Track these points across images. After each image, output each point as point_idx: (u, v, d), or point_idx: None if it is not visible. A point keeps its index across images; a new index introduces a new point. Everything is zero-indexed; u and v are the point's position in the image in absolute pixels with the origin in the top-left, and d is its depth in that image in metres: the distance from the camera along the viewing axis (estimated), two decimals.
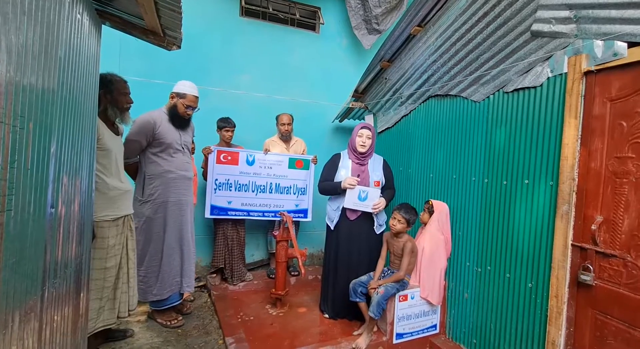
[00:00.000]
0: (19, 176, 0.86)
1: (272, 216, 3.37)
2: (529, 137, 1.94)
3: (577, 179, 1.71)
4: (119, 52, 3.17)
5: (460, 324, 2.40)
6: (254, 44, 3.78)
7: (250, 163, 3.26)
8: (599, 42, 1.61)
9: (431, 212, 2.47)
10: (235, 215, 3.23)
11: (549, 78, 1.84)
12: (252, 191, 3.28)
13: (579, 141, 1.70)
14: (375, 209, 2.57)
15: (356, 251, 2.63)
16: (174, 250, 2.48)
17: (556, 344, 1.75)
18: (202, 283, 3.34)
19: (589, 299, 1.67)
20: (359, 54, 4.25)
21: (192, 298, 3.06)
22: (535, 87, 1.92)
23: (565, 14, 1.73)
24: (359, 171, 2.63)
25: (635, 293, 1.50)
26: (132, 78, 2.18)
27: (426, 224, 2.50)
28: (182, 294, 2.62)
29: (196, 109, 2.53)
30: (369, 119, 3.59)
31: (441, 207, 2.47)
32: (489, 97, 2.22)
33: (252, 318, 2.72)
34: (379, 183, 2.65)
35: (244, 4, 3.71)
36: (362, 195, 2.56)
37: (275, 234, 2.87)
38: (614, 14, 1.54)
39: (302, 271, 2.67)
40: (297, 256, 2.72)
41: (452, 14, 2.43)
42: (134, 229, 2.34)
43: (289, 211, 3.30)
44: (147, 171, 2.41)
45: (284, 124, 3.44)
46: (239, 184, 3.23)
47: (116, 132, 2.09)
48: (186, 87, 2.47)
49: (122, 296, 2.07)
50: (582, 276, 1.66)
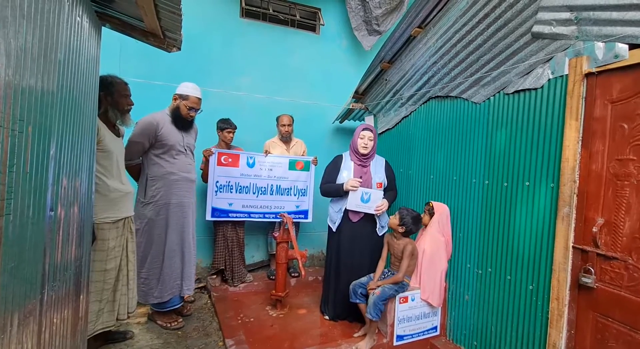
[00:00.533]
0: (17, 180, 0.86)
1: (273, 218, 3.37)
2: (530, 138, 1.94)
3: (578, 181, 1.70)
4: (119, 54, 3.17)
5: (461, 326, 2.40)
6: (254, 45, 3.78)
7: (250, 165, 3.26)
8: (600, 44, 1.61)
9: (432, 214, 2.47)
10: (236, 217, 3.23)
11: (549, 80, 1.84)
12: (253, 193, 3.27)
13: (580, 143, 1.70)
14: (378, 211, 2.57)
15: (358, 253, 2.62)
16: (175, 252, 2.48)
17: (557, 346, 1.75)
18: (202, 285, 3.34)
19: (590, 302, 1.67)
20: (359, 55, 4.25)
21: (193, 300, 3.06)
22: (536, 89, 1.91)
23: (566, 15, 1.72)
24: (361, 172, 2.63)
25: (636, 296, 1.50)
26: (132, 80, 2.18)
27: (427, 226, 2.50)
28: (182, 297, 2.62)
29: (199, 111, 2.53)
30: (369, 120, 3.58)
31: (442, 209, 2.47)
32: (489, 98, 2.22)
33: (252, 320, 2.71)
34: (381, 185, 2.65)
35: (244, 5, 3.71)
36: (365, 196, 2.55)
37: (275, 235, 2.87)
38: (615, 15, 1.53)
39: (303, 272, 2.67)
40: (298, 257, 2.72)
41: (452, 16, 2.43)
42: (135, 231, 2.35)
43: (289, 213, 3.30)
44: (149, 172, 2.41)
45: (285, 125, 3.44)
46: (240, 186, 3.23)
47: (117, 133, 2.09)
48: (189, 88, 2.47)
49: (121, 298, 2.07)
50: (583, 278, 1.66)
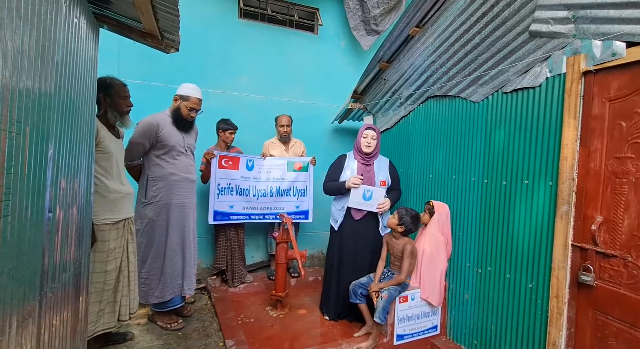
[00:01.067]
0: (15, 182, 0.86)
1: (273, 219, 3.36)
2: (528, 137, 1.94)
3: (576, 179, 1.70)
4: (117, 55, 3.17)
5: (461, 325, 2.40)
6: (253, 45, 3.78)
7: (249, 168, 3.25)
8: (598, 42, 1.61)
9: (432, 213, 2.47)
10: (237, 219, 3.22)
11: (547, 79, 1.84)
12: (253, 196, 3.27)
13: (578, 141, 1.70)
14: (380, 209, 2.56)
15: (360, 252, 2.62)
16: (176, 252, 2.48)
17: (557, 345, 1.75)
18: (202, 285, 3.34)
19: (590, 300, 1.67)
20: (358, 54, 4.25)
21: (193, 300, 3.06)
22: (534, 87, 1.91)
23: (563, 14, 1.73)
24: (364, 171, 2.63)
25: (635, 294, 1.50)
26: (130, 81, 2.18)
27: (426, 225, 2.50)
28: (184, 297, 2.62)
29: (199, 112, 2.53)
30: (368, 120, 3.58)
31: (442, 208, 2.47)
32: (487, 97, 2.22)
33: (252, 320, 2.71)
34: (385, 183, 2.65)
35: (242, 5, 3.71)
36: (367, 194, 2.55)
37: (275, 236, 2.87)
38: (612, 13, 1.54)
39: (302, 272, 2.67)
40: (297, 257, 2.72)
41: (450, 15, 2.43)
42: (135, 232, 2.35)
43: (289, 213, 3.29)
44: (150, 173, 2.41)
45: (283, 125, 3.44)
46: (240, 189, 3.22)
47: (117, 135, 2.09)
48: (189, 89, 2.47)
49: (122, 300, 2.07)
50: (582, 276, 1.66)
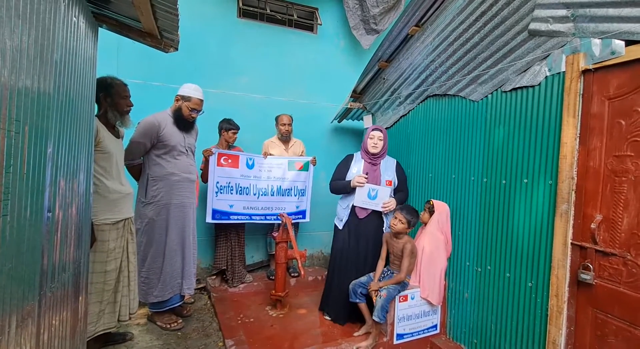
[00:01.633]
0: (14, 181, 0.86)
1: (274, 219, 3.33)
2: (528, 136, 1.94)
3: (576, 178, 1.70)
4: (116, 55, 3.17)
5: (460, 324, 2.40)
6: (252, 45, 3.77)
7: (250, 167, 3.24)
8: (597, 41, 1.61)
9: (432, 212, 2.47)
10: (237, 219, 3.18)
11: (546, 77, 1.84)
12: (254, 195, 3.24)
13: (578, 140, 1.70)
14: (385, 208, 2.57)
15: (364, 250, 2.62)
16: (175, 251, 2.48)
17: (557, 343, 1.75)
18: (201, 285, 3.33)
19: (589, 298, 1.67)
20: (357, 54, 4.25)
21: (192, 301, 3.06)
22: (533, 86, 1.91)
23: (562, 12, 1.73)
24: (370, 170, 2.64)
25: (635, 292, 1.50)
26: (130, 81, 2.18)
27: (426, 224, 2.50)
28: (182, 296, 2.62)
29: (201, 112, 2.54)
30: (368, 119, 3.58)
31: (442, 208, 2.47)
32: (487, 96, 2.22)
33: (252, 320, 2.71)
34: (391, 182, 2.66)
35: (241, 5, 3.71)
36: (372, 193, 2.56)
37: (274, 235, 2.87)
38: (612, 12, 1.54)
39: (302, 272, 2.66)
40: (297, 257, 2.72)
41: (449, 14, 2.43)
42: (135, 232, 2.35)
43: (290, 213, 3.29)
44: (150, 173, 2.41)
45: (285, 124, 3.44)
46: (240, 187, 3.19)
47: (117, 135, 2.09)
48: (191, 89, 2.47)
49: (122, 300, 2.07)
50: (582, 275, 1.66)
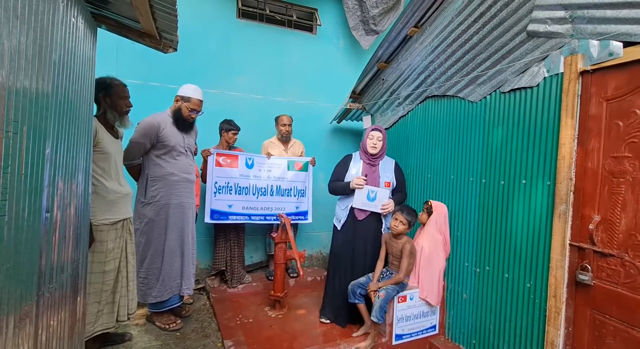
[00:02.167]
0: (12, 182, 0.86)
1: (274, 220, 3.32)
2: (526, 137, 1.95)
3: (574, 179, 1.71)
4: (115, 55, 3.17)
5: (459, 324, 2.40)
6: (251, 45, 3.78)
7: (249, 166, 3.23)
8: (595, 42, 1.62)
9: (430, 213, 2.47)
10: (236, 219, 3.16)
11: (545, 79, 1.84)
12: (253, 195, 3.23)
13: (576, 141, 1.70)
14: (384, 210, 2.57)
15: (362, 251, 2.62)
16: (174, 252, 2.48)
17: (555, 344, 1.75)
18: (200, 286, 3.33)
19: (588, 299, 1.67)
20: (356, 54, 4.26)
21: (191, 301, 3.05)
22: (531, 87, 1.92)
23: (560, 14, 1.73)
24: (368, 171, 2.64)
25: (633, 293, 1.50)
26: (129, 81, 2.18)
27: (425, 224, 2.50)
28: (182, 297, 2.62)
29: (200, 113, 2.54)
30: (367, 120, 3.59)
31: (440, 208, 2.47)
32: (485, 97, 2.22)
33: (251, 321, 2.71)
34: (389, 184, 2.66)
35: (240, 5, 3.71)
36: (371, 195, 2.56)
37: (273, 236, 2.87)
38: (609, 13, 1.54)
39: (301, 272, 2.67)
40: (296, 257, 2.72)
41: (448, 15, 2.44)
42: (134, 231, 2.34)
43: (289, 214, 3.28)
44: (150, 173, 2.41)
45: (285, 125, 3.44)
46: (239, 187, 3.18)
47: (116, 135, 2.09)
48: (190, 90, 2.47)
49: (121, 300, 2.07)
50: (580, 276, 1.66)
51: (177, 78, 3.16)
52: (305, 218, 3.47)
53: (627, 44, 1.51)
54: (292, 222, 2.97)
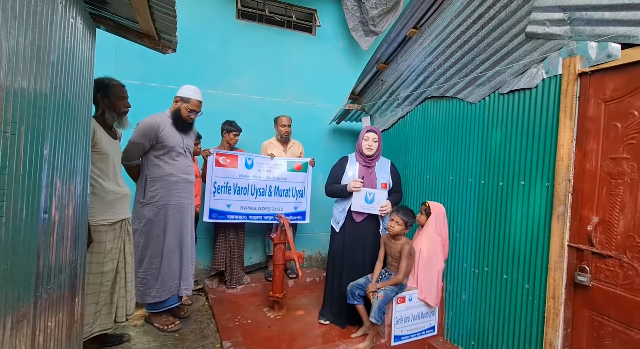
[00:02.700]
0: (10, 183, 0.85)
1: (271, 220, 3.34)
2: (525, 138, 1.95)
3: (572, 180, 1.71)
4: (114, 55, 3.17)
5: (458, 326, 2.40)
6: (251, 46, 3.78)
7: (249, 167, 3.24)
8: (593, 44, 1.62)
9: (428, 214, 2.47)
10: (234, 218, 3.18)
11: (543, 80, 1.85)
12: (252, 195, 3.24)
13: (574, 142, 1.71)
14: (382, 211, 2.57)
15: (361, 253, 2.62)
16: (173, 252, 2.48)
17: (554, 345, 1.75)
18: (199, 287, 3.33)
19: (586, 300, 1.67)
20: (356, 55, 4.26)
21: (190, 302, 3.05)
22: (530, 89, 1.92)
23: (559, 15, 1.74)
24: (365, 173, 2.64)
25: (631, 294, 1.50)
26: (128, 82, 2.18)
27: (423, 226, 2.50)
28: (180, 297, 2.61)
29: (199, 114, 2.54)
30: (366, 121, 3.59)
31: (438, 208, 2.48)
32: (484, 98, 2.23)
33: (249, 321, 2.71)
34: (386, 185, 2.66)
35: (240, 6, 3.71)
36: (369, 197, 2.56)
37: (272, 237, 2.86)
38: (608, 15, 1.55)
39: (300, 273, 2.67)
40: (295, 258, 2.72)
41: (447, 16, 2.44)
42: (133, 231, 2.34)
43: (287, 214, 3.28)
44: (149, 173, 2.41)
45: (284, 126, 3.44)
46: (238, 187, 3.19)
47: (114, 136, 2.09)
48: (190, 91, 2.48)
49: (119, 301, 2.06)
50: (578, 277, 1.66)
51: (176, 79, 3.16)
52: (303, 219, 3.47)
53: (625, 46, 1.52)
54: (290, 222, 2.97)
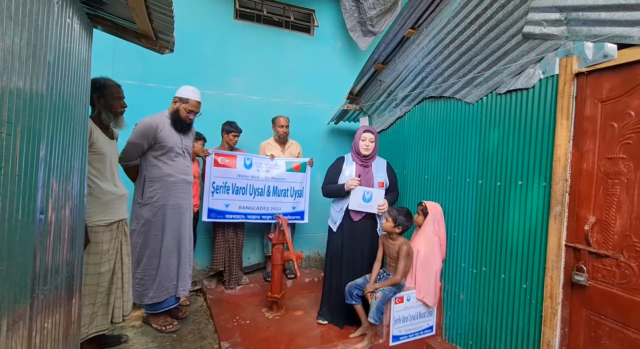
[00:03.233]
0: (5, 183, 0.85)
1: (269, 219, 3.34)
2: (522, 138, 1.95)
3: (569, 180, 1.71)
4: (112, 56, 3.16)
5: (456, 325, 2.40)
6: (249, 46, 3.78)
7: (247, 167, 3.24)
8: (590, 44, 1.63)
9: (425, 214, 2.48)
10: (232, 218, 3.19)
11: (540, 80, 1.85)
12: (250, 194, 3.25)
13: (571, 142, 1.71)
14: (380, 210, 2.58)
15: (359, 253, 2.63)
16: (171, 253, 2.47)
17: (551, 344, 1.76)
18: (197, 287, 3.32)
19: (583, 300, 1.68)
20: (354, 55, 4.26)
21: (188, 303, 3.04)
22: (527, 89, 1.93)
23: (556, 16, 1.74)
24: (362, 173, 2.65)
25: (628, 293, 1.51)
26: (125, 82, 2.17)
27: (421, 226, 2.51)
28: (178, 298, 2.61)
29: (198, 114, 2.54)
30: (364, 121, 3.59)
31: (435, 208, 2.48)
32: (482, 98, 2.23)
33: (248, 322, 2.70)
34: (383, 184, 2.67)
35: (238, 6, 3.71)
36: (367, 196, 2.56)
37: (271, 237, 2.86)
38: (604, 16, 1.55)
39: (298, 273, 2.66)
40: (293, 258, 2.71)
41: (444, 17, 2.45)
42: (131, 231, 2.33)
43: (285, 214, 3.29)
44: (147, 174, 2.41)
45: (283, 126, 3.44)
46: (237, 187, 3.20)
47: (111, 136, 2.09)
48: (189, 92, 2.47)
49: (116, 302, 2.06)
50: (575, 276, 1.67)
51: (174, 79, 3.15)
52: (301, 219, 3.48)
53: (621, 46, 1.52)
54: (288, 222, 2.97)
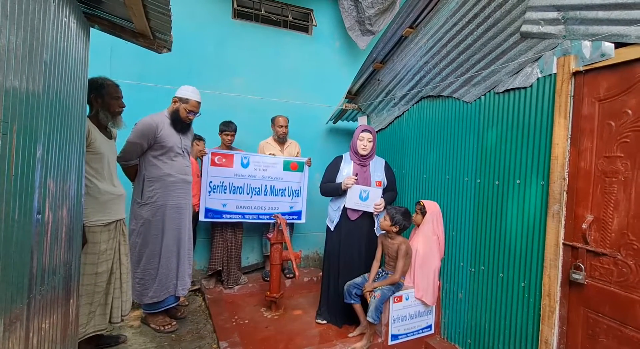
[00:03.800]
0: (2, 183, 0.85)
1: (267, 219, 3.34)
2: (520, 137, 1.96)
3: (567, 178, 1.72)
4: (109, 55, 3.15)
5: (454, 324, 2.41)
6: (247, 46, 3.77)
7: (244, 166, 3.24)
8: (587, 43, 1.63)
9: (423, 213, 2.48)
10: (230, 218, 3.20)
11: (538, 79, 1.86)
12: (247, 194, 3.25)
13: (569, 141, 1.72)
14: (377, 209, 2.58)
15: (357, 252, 2.63)
16: (171, 252, 2.47)
17: (549, 343, 1.76)
18: (196, 287, 3.32)
19: (581, 298, 1.68)
20: (352, 55, 4.26)
21: (187, 303, 3.04)
22: (525, 88, 1.93)
23: (553, 15, 1.75)
24: (360, 172, 2.65)
25: (625, 291, 1.52)
26: (123, 81, 2.17)
27: (419, 225, 2.51)
28: (177, 298, 2.60)
29: (198, 114, 2.54)
30: (363, 120, 3.59)
31: (433, 207, 2.48)
32: (480, 97, 2.23)
33: (246, 322, 2.70)
34: (380, 183, 2.67)
35: (236, 6, 3.70)
36: (363, 194, 2.56)
37: (269, 236, 2.86)
38: (601, 15, 1.56)
39: (297, 273, 2.66)
40: (292, 258, 2.71)
41: (442, 16, 2.45)
42: (131, 231, 2.33)
43: (283, 214, 3.29)
44: (147, 174, 2.40)
45: (282, 126, 3.44)
46: (234, 186, 3.20)
47: (109, 135, 2.08)
48: (189, 92, 2.47)
49: (114, 302, 2.05)
50: (573, 275, 1.67)
51: (172, 79, 3.15)
52: (299, 218, 3.48)
53: (618, 45, 1.53)
54: (287, 222, 2.97)
